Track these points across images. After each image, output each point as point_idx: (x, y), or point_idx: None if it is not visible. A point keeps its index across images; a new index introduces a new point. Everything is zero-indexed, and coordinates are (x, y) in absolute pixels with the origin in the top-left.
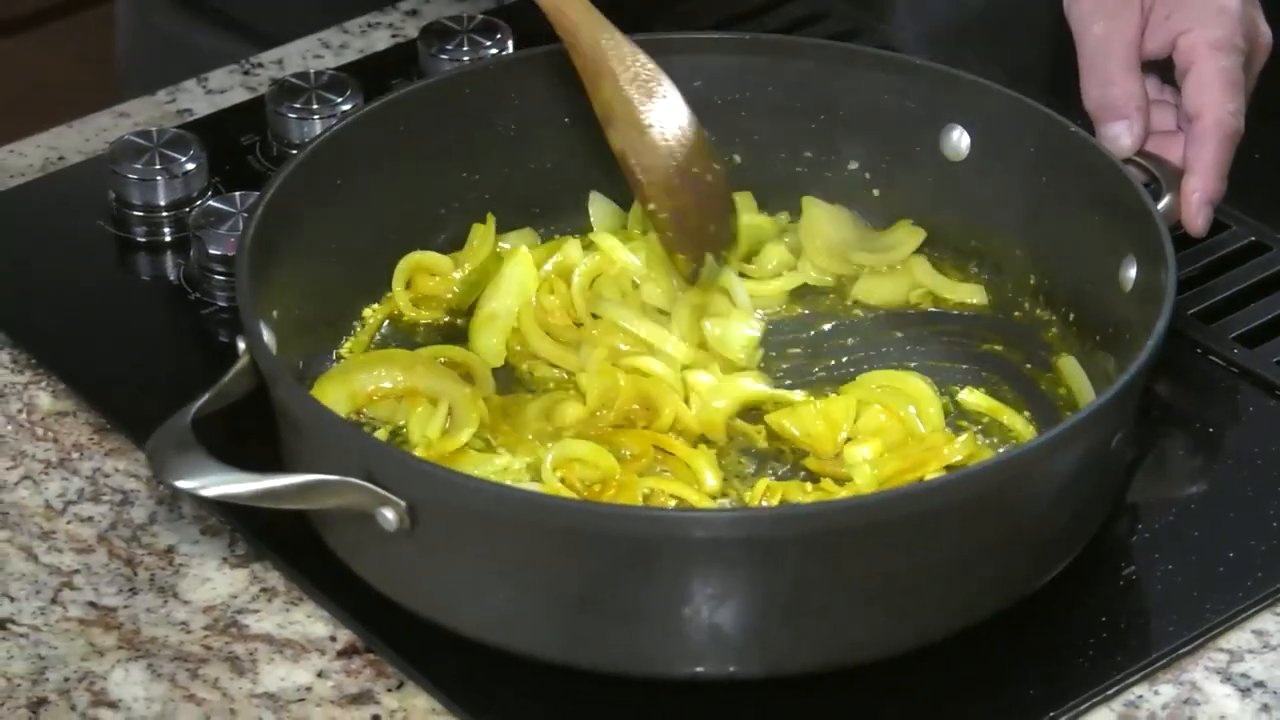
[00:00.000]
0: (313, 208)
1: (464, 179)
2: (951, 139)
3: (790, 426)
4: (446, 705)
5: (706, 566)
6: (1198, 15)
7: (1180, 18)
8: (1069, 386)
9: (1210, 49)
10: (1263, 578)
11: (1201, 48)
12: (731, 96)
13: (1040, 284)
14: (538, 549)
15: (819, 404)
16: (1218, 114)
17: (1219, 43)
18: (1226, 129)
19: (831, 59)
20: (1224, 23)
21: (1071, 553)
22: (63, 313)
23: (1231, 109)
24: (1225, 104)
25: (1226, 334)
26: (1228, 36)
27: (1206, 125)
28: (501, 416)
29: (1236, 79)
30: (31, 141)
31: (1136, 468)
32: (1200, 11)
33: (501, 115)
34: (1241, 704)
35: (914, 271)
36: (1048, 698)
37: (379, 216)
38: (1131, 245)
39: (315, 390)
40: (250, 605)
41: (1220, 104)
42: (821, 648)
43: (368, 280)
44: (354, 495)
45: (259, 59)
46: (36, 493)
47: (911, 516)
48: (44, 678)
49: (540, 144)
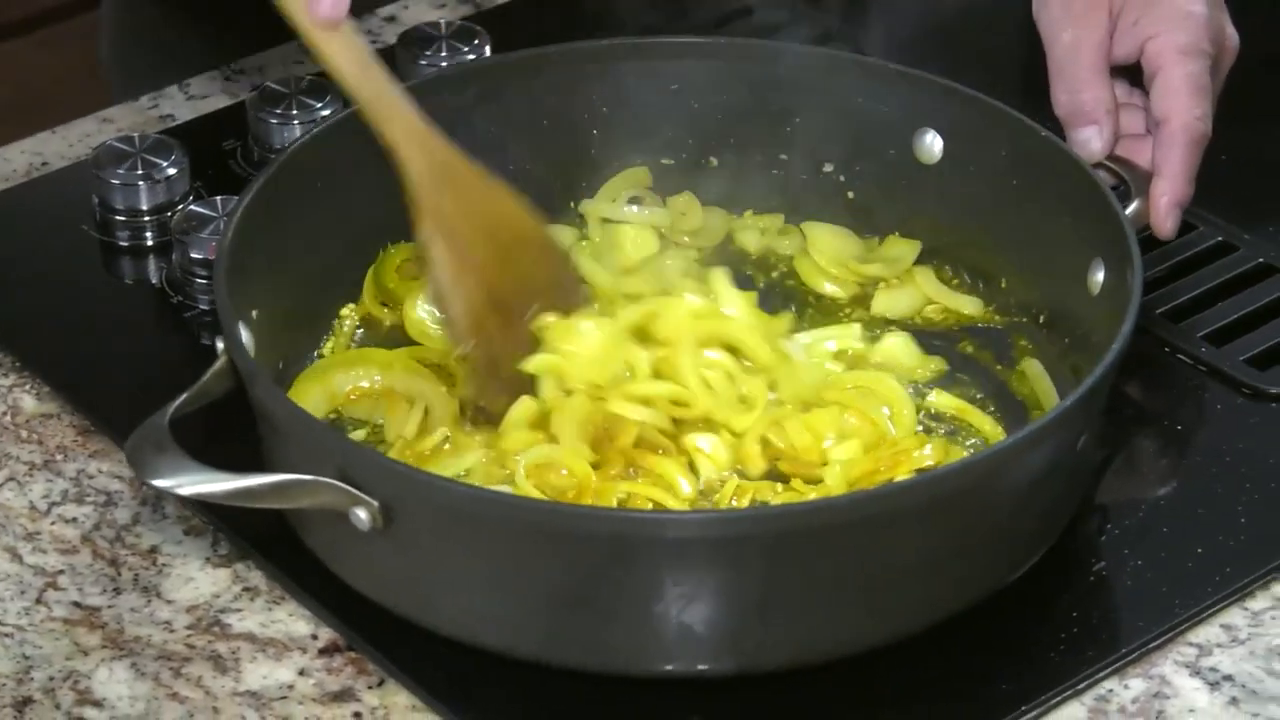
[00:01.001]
0: (289, 211)
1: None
2: (924, 142)
3: (776, 440)
4: (426, 702)
5: (678, 567)
6: (1165, 20)
7: (1148, 23)
8: (1033, 389)
9: (1177, 54)
10: (1231, 573)
11: (1169, 53)
12: (708, 101)
13: (1011, 286)
14: (510, 549)
15: (804, 417)
16: (1185, 119)
17: (1186, 48)
18: (1194, 133)
19: (806, 64)
20: (1191, 28)
21: (1039, 551)
22: (47, 316)
23: (1198, 113)
24: (1192, 109)
25: (1195, 333)
26: (1195, 41)
27: (1174, 130)
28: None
29: (1203, 84)
30: (16, 147)
31: (1107, 466)
32: (1167, 17)
33: (478, 119)
34: (1210, 697)
35: (919, 283)
36: (1020, 692)
37: (355, 218)
38: (1100, 249)
39: (294, 389)
40: (233, 604)
41: (1187, 109)
42: (794, 645)
43: (345, 280)
44: (328, 495)
45: (240, 65)
46: (21, 494)
47: (881, 517)
48: (29, 677)
49: (518, 147)
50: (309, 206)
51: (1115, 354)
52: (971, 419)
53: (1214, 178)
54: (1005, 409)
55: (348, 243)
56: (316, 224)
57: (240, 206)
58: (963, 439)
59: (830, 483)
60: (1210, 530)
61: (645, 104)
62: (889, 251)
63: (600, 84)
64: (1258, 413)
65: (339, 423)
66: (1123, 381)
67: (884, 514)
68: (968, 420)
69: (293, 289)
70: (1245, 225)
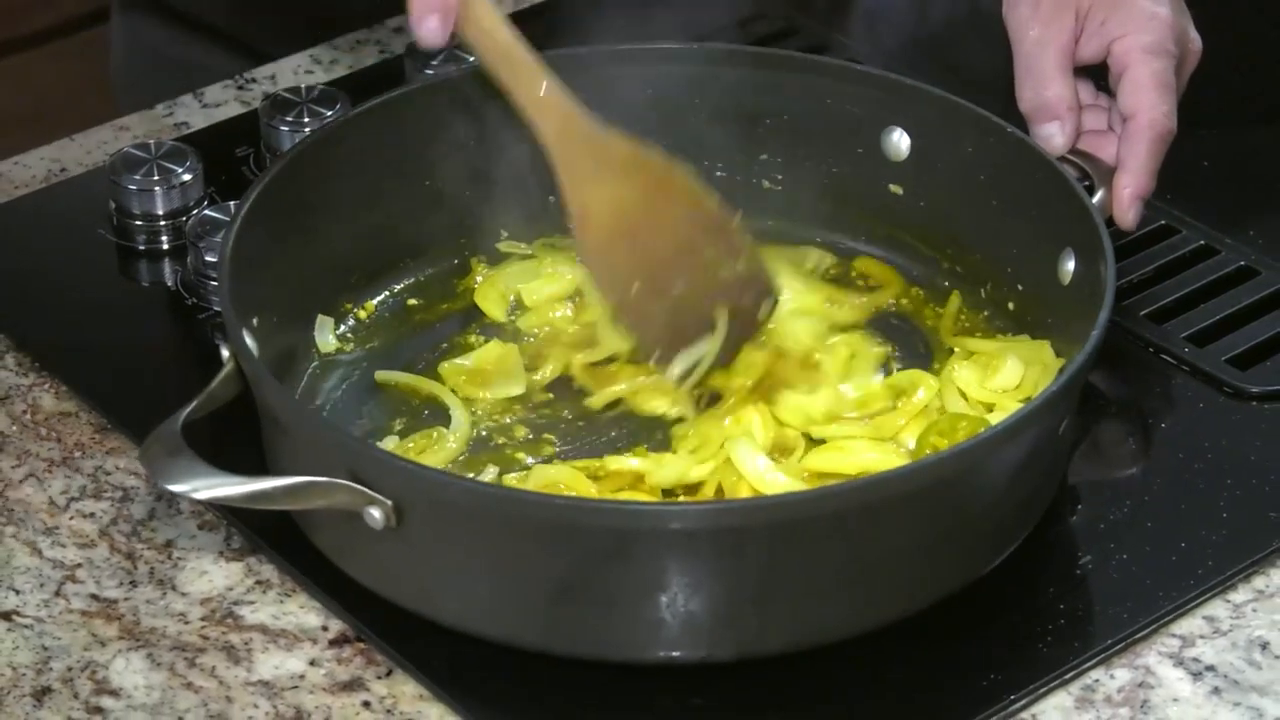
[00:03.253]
0: (290, 216)
1: (428, 187)
2: (892, 140)
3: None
4: (433, 691)
5: (679, 556)
6: (1131, 21)
7: (1115, 24)
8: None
9: (1144, 53)
10: (1213, 566)
11: (1135, 52)
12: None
13: (982, 278)
14: (519, 542)
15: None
16: (1151, 114)
17: (1152, 47)
18: (1159, 129)
19: (777, 66)
20: (1156, 29)
21: (1024, 531)
22: (65, 318)
23: (1164, 110)
24: (1158, 104)
25: (1177, 334)
26: (1160, 42)
27: (1140, 125)
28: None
29: (1168, 81)
30: (35, 154)
31: (1092, 461)
32: (1134, 18)
33: (476, 125)
34: (1193, 687)
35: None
36: (1010, 681)
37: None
38: (1069, 239)
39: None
40: (245, 597)
41: (1154, 104)
42: (790, 630)
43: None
44: (342, 495)
45: (253, 74)
46: (40, 490)
47: (873, 504)
48: (48, 667)
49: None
50: (309, 209)
51: (1095, 340)
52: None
53: (1196, 184)
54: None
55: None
56: (317, 227)
57: (239, 214)
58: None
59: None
60: (1193, 525)
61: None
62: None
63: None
64: (1239, 411)
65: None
66: (1107, 380)
67: (877, 501)
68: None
69: (296, 292)
70: (1226, 230)
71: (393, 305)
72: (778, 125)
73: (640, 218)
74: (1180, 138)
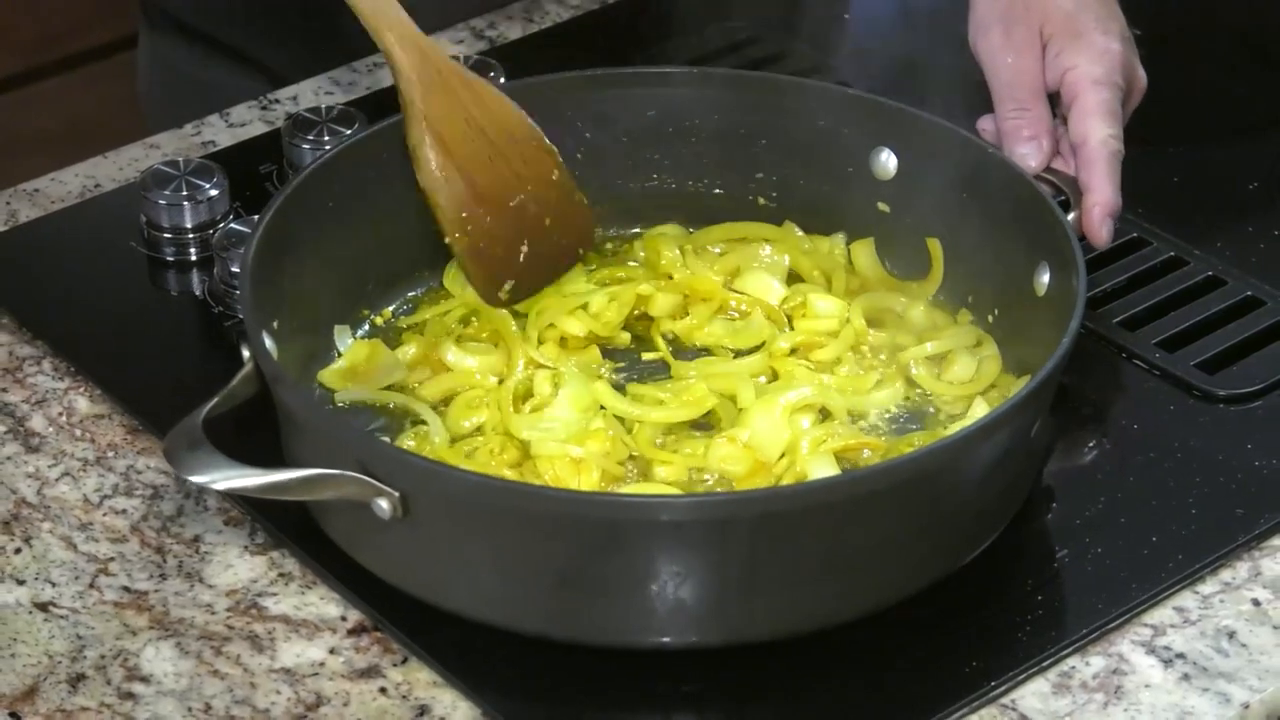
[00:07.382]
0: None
1: None
2: (880, 160)
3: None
4: (446, 677)
5: (668, 547)
6: (1084, 54)
7: (1069, 55)
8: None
9: (1093, 83)
10: (1183, 559)
11: (1085, 82)
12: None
13: (963, 289)
14: (520, 533)
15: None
16: (1100, 136)
17: (1101, 78)
18: (1110, 148)
19: (771, 90)
20: (1106, 61)
21: (1001, 524)
22: (99, 325)
23: (1111, 133)
24: (1105, 129)
25: (1149, 340)
26: (1108, 74)
27: (1093, 147)
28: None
29: (1115, 110)
30: (70, 171)
31: (1067, 460)
32: (1086, 51)
33: None
34: (1164, 674)
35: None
36: (989, 668)
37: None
38: (1044, 252)
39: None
40: (269, 589)
41: (1101, 128)
42: (776, 618)
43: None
44: (352, 487)
45: (276, 95)
46: (75, 488)
47: (854, 498)
48: (82, 655)
49: None
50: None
51: (1065, 347)
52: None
53: (1166, 199)
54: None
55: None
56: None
57: (262, 224)
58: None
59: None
60: (1163, 520)
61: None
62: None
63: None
64: (1207, 413)
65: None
66: (1082, 384)
67: (859, 495)
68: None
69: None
70: (1195, 241)
71: (407, 312)
72: (772, 145)
73: (478, 146)
74: (1151, 156)
